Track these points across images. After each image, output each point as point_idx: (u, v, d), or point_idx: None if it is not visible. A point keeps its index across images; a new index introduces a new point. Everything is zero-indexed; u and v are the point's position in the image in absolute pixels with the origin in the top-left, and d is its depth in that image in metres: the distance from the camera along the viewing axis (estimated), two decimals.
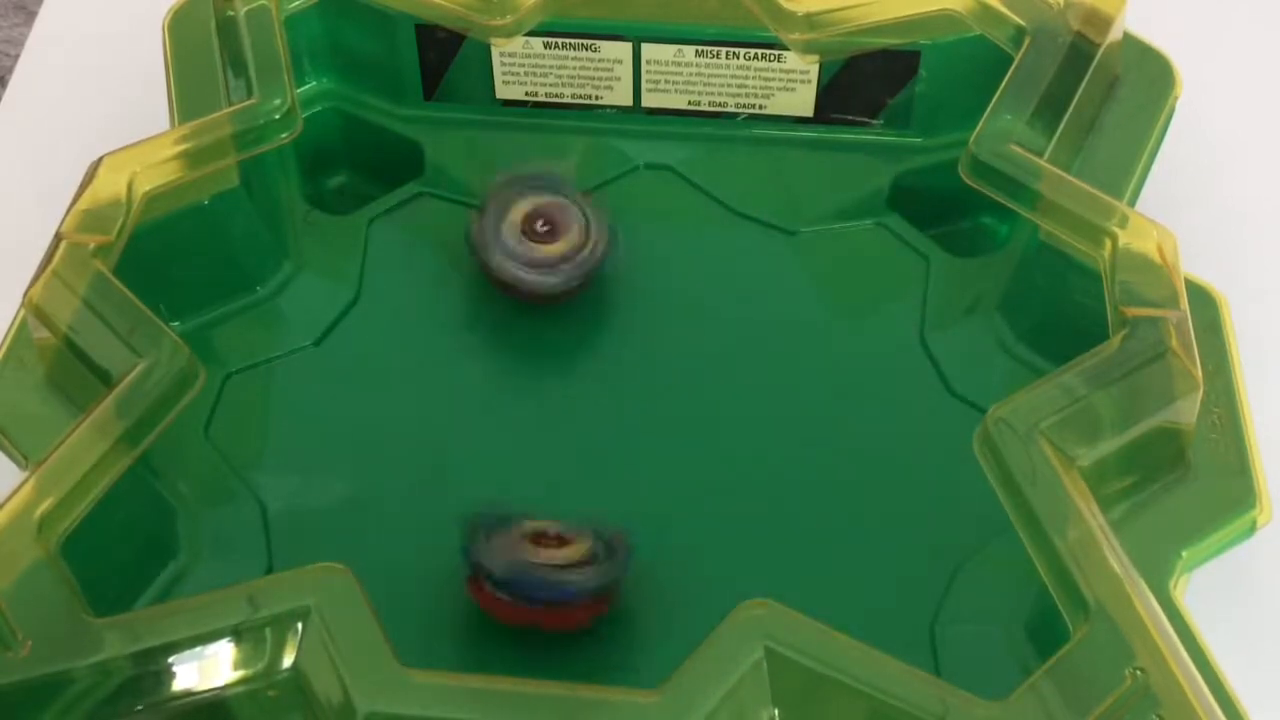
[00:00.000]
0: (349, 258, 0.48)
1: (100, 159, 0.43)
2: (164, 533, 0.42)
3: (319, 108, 0.52)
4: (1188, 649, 0.34)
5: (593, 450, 0.44)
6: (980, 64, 0.48)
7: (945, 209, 0.50)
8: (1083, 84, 0.45)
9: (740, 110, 0.52)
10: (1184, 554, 0.37)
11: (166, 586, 0.41)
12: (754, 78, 0.51)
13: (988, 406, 0.38)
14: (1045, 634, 0.38)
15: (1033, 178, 0.43)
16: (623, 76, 0.51)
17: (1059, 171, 0.43)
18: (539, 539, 0.39)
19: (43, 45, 0.58)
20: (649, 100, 0.52)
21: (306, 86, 0.51)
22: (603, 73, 0.51)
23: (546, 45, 0.50)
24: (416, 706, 0.33)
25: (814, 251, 0.49)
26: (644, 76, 0.51)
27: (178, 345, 0.39)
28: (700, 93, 0.51)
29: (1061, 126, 0.44)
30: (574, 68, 0.51)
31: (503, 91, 0.52)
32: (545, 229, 0.45)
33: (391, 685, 0.33)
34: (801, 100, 0.51)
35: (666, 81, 0.51)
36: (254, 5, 0.47)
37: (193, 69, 0.47)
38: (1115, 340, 0.39)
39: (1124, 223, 0.41)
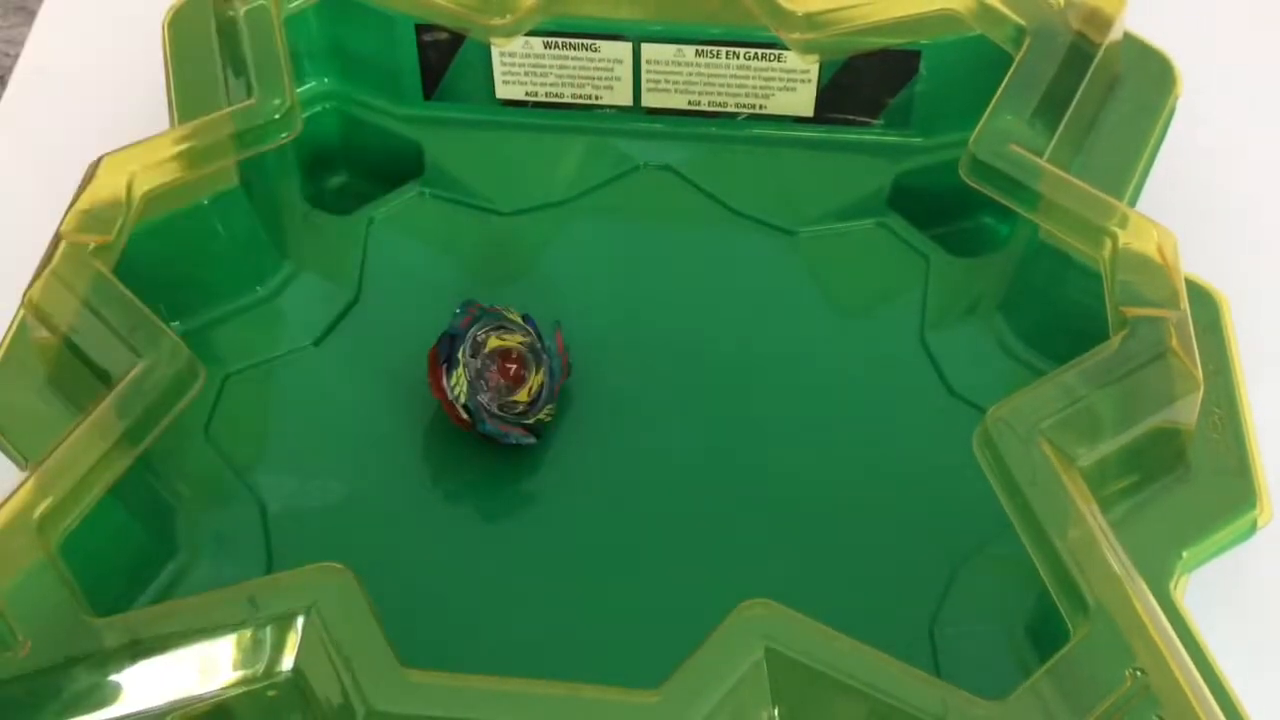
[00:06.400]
0: (349, 258, 0.48)
1: (100, 159, 0.43)
2: (164, 533, 0.42)
3: (319, 108, 0.52)
4: (1188, 649, 0.34)
5: (593, 446, 0.44)
6: (980, 64, 0.48)
7: (946, 209, 0.50)
8: (1083, 84, 0.45)
9: (740, 110, 0.52)
10: (1184, 554, 0.37)
11: (166, 586, 0.41)
12: (754, 77, 0.51)
13: (988, 406, 0.38)
14: (1045, 634, 0.38)
15: (1033, 178, 0.42)
16: (623, 76, 0.51)
17: (1059, 171, 0.43)
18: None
19: (43, 45, 0.58)
20: (649, 100, 0.52)
21: (306, 86, 0.51)
22: (603, 72, 0.51)
23: (546, 45, 0.50)
24: (415, 706, 0.33)
25: (814, 251, 0.49)
26: (644, 76, 0.51)
27: (177, 345, 0.39)
28: (700, 93, 0.51)
29: (1062, 126, 0.44)
30: (574, 67, 0.51)
31: (503, 91, 0.52)
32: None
33: (391, 685, 0.33)
34: (802, 100, 0.51)
35: (666, 81, 0.51)
36: (253, 5, 0.47)
37: (192, 69, 0.47)
38: (1115, 340, 0.39)
39: (1124, 223, 0.41)
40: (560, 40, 0.50)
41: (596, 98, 0.52)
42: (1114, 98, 0.46)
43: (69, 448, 0.37)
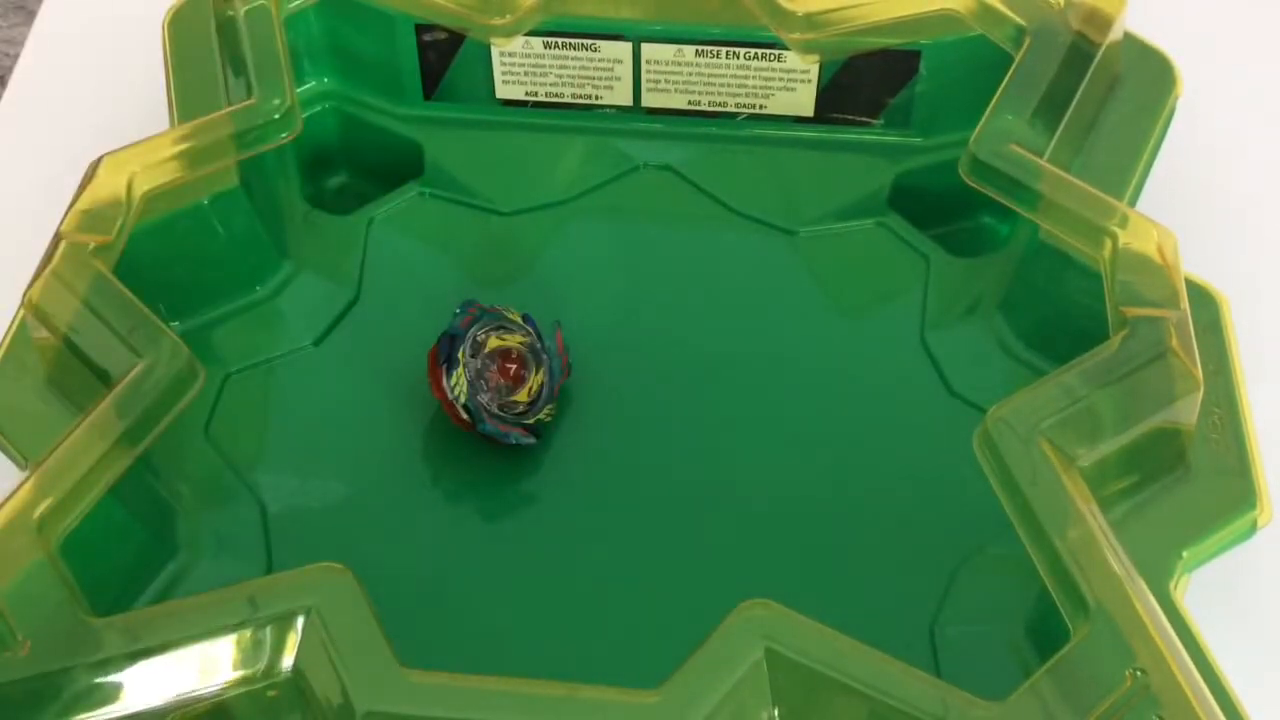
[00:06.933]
0: (349, 258, 0.48)
1: (100, 159, 0.43)
2: (164, 533, 0.42)
3: (319, 108, 0.52)
4: (1188, 649, 0.34)
5: (593, 446, 0.44)
6: (980, 64, 0.48)
7: (946, 209, 0.50)
8: (1083, 84, 0.45)
9: (740, 110, 0.52)
10: (1184, 554, 0.37)
11: (166, 586, 0.41)
12: (754, 77, 0.51)
13: (988, 406, 0.38)
14: (1045, 634, 0.38)
15: (1033, 178, 0.43)
16: (623, 76, 0.51)
17: (1059, 171, 0.43)
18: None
19: (43, 45, 0.58)
20: (649, 100, 0.52)
21: (306, 86, 0.51)
22: (603, 72, 0.51)
23: (546, 45, 0.50)
24: (415, 706, 0.33)
25: (814, 251, 0.49)
26: (644, 76, 0.51)
27: (177, 345, 0.39)
28: (700, 92, 0.51)
29: (1062, 126, 0.44)
30: (574, 67, 0.51)
31: (503, 91, 0.52)
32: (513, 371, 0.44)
33: (391, 685, 0.33)
34: (802, 100, 0.51)
35: (666, 81, 0.51)
36: (253, 5, 0.47)
37: (192, 69, 0.47)
38: (1115, 340, 0.39)
39: (1124, 223, 0.41)
40: (560, 40, 0.50)
41: (596, 98, 0.52)
42: (1114, 98, 0.46)
43: (69, 448, 0.37)
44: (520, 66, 0.51)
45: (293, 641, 0.34)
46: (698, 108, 0.52)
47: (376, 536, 0.42)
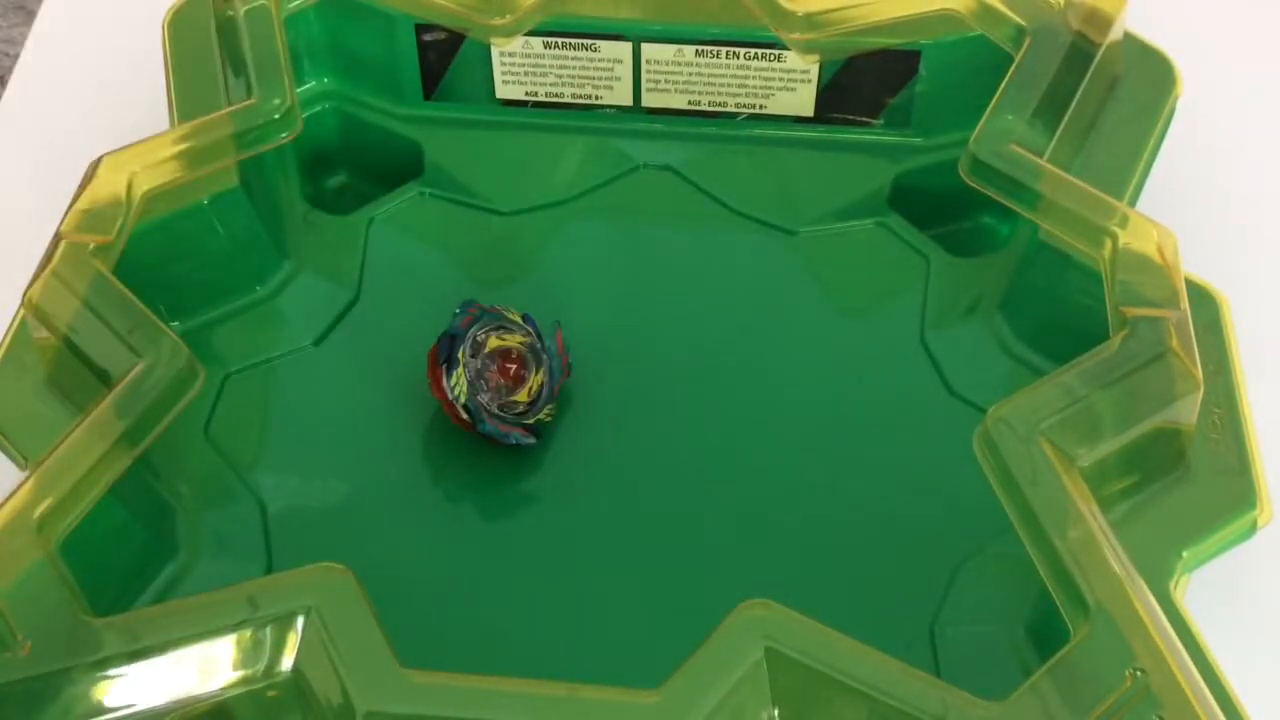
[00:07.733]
0: (349, 258, 0.48)
1: (100, 158, 0.43)
2: (164, 533, 0.42)
3: (319, 108, 0.52)
4: (1188, 649, 0.34)
5: (593, 446, 0.44)
6: (980, 64, 0.48)
7: (946, 209, 0.50)
8: (1083, 84, 0.45)
9: (740, 110, 0.52)
10: (1184, 554, 0.37)
11: (166, 586, 0.41)
12: (754, 77, 0.51)
13: (988, 406, 0.38)
14: (1045, 634, 0.38)
15: (1033, 178, 0.42)
16: (623, 76, 0.51)
17: (1059, 171, 0.43)
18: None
19: (43, 45, 0.58)
20: (649, 100, 0.52)
21: (306, 86, 0.51)
22: (603, 72, 0.51)
23: (546, 45, 0.50)
24: (415, 706, 0.33)
25: (814, 251, 0.49)
26: (644, 76, 0.51)
27: (177, 345, 0.39)
28: (700, 93, 0.51)
29: (1062, 126, 0.44)
30: (574, 67, 0.51)
31: (503, 91, 0.52)
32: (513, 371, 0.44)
33: (391, 685, 0.33)
34: (802, 100, 0.51)
35: (666, 81, 0.51)
36: (253, 5, 0.47)
37: (192, 69, 0.47)
38: (1115, 340, 0.39)
39: (1124, 223, 0.41)
40: (560, 40, 0.50)
41: (596, 98, 0.52)
42: (1114, 98, 0.46)
43: (69, 448, 0.37)
44: (520, 66, 0.51)
45: (293, 641, 0.34)
46: (698, 108, 0.52)
47: (376, 536, 0.42)
